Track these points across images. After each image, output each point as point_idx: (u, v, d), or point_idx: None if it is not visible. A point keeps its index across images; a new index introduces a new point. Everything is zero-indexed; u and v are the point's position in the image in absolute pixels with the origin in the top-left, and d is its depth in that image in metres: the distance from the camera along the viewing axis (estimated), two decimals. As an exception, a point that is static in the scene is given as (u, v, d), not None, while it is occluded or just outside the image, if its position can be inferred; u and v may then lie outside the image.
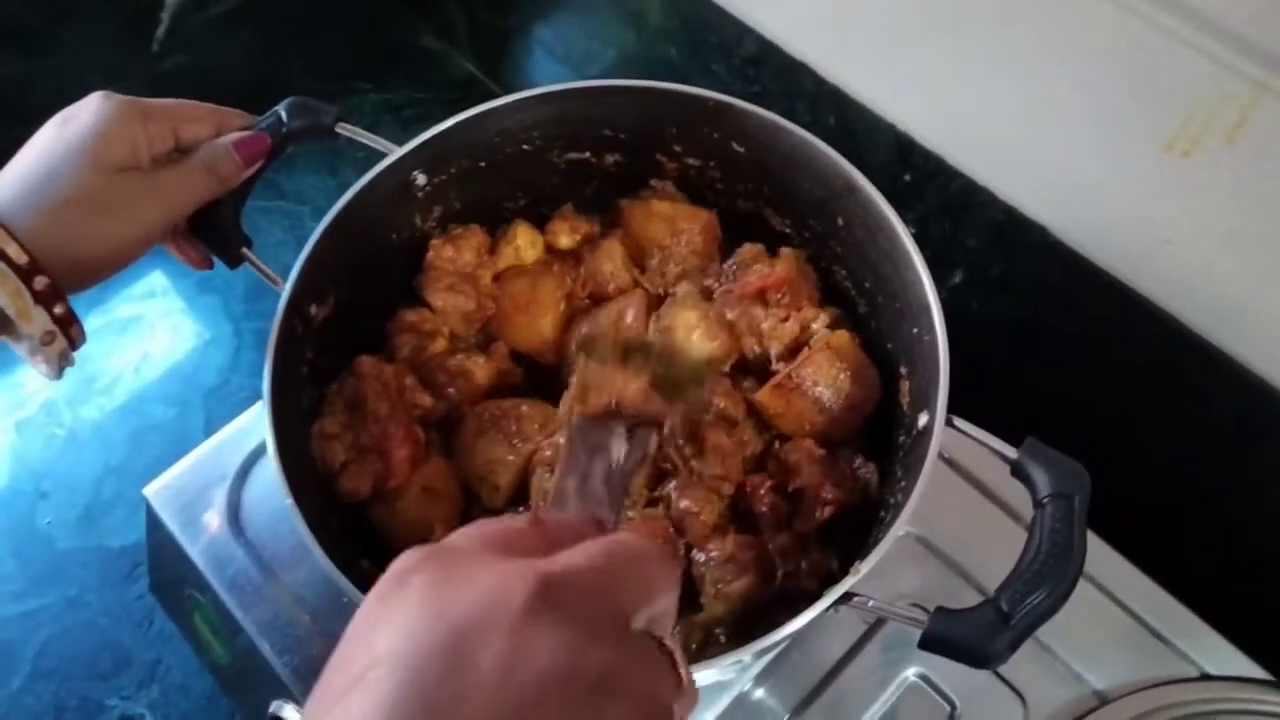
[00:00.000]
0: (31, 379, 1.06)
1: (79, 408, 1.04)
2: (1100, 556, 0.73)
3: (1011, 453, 0.55)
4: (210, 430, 0.83)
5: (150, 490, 0.77)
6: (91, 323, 1.09)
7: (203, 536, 0.75)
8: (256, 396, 0.86)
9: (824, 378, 0.67)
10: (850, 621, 0.74)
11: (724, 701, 0.71)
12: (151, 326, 1.09)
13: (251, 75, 1.31)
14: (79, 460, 1.01)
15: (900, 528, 0.55)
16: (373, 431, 0.64)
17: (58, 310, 0.55)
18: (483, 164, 0.72)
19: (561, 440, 0.55)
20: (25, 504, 0.99)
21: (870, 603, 0.53)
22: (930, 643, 0.50)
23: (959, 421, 0.57)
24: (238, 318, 1.10)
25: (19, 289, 0.53)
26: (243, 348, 1.08)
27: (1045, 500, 0.53)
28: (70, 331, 0.56)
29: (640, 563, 0.32)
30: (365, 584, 0.55)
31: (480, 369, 0.70)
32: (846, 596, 0.54)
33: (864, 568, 0.54)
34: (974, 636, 0.50)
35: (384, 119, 1.28)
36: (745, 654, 0.52)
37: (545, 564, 0.29)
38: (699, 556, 0.64)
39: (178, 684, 0.89)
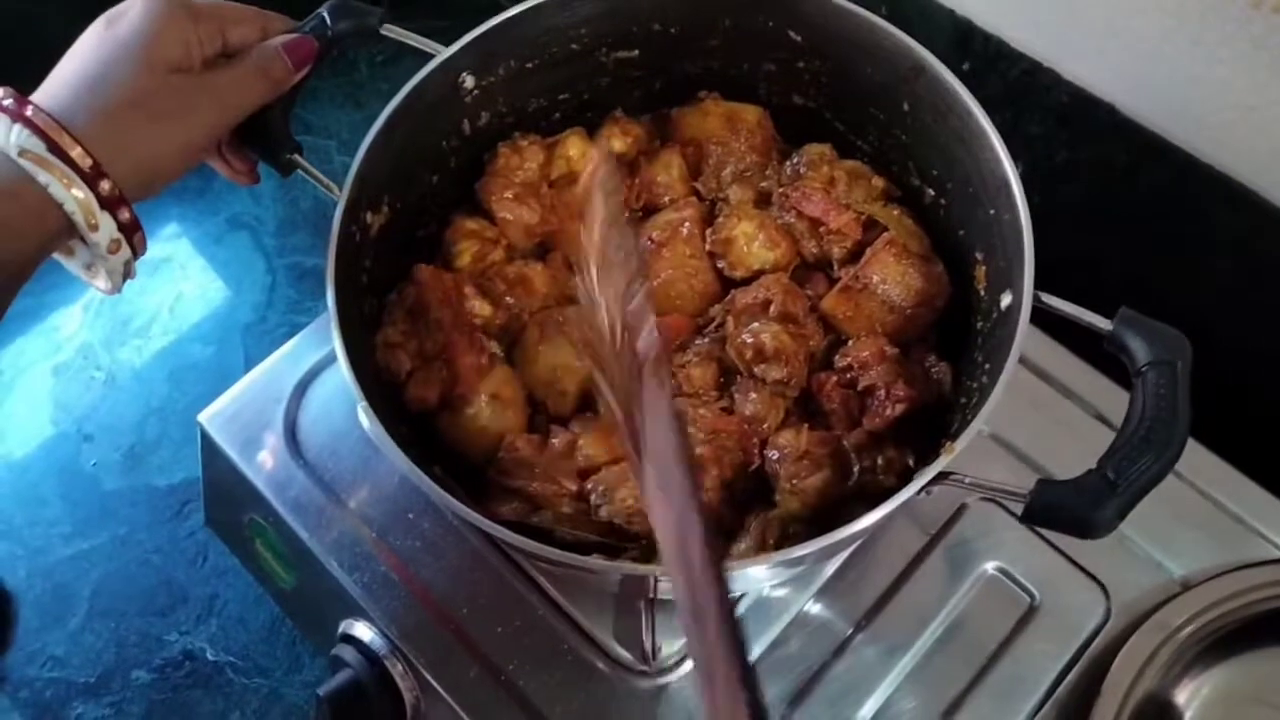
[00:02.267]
0: (66, 323, 1.05)
1: (116, 350, 1.03)
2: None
3: (1105, 324, 0.54)
4: (250, 366, 0.82)
5: (205, 416, 0.76)
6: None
7: (261, 460, 0.74)
8: (295, 330, 0.86)
9: (891, 275, 0.65)
10: (909, 531, 0.72)
11: (784, 619, 0.70)
12: (183, 266, 1.08)
13: (271, 7, 1.29)
14: (120, 402, 1.00)
15: (992, 407, 0.53)
16: (437, 339, 0.63)
17: (123, 216, 0.53)
18: (530, 65, 0.70)
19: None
20: (69, 447, 0.98)
21: (967, 479, 0.52)
22: (1035, 513, 0.49)
23: (1046, 297, 0.56)
24: (270, 253, 1.08)
25: (86, 194, 0.51)
26: (277, 283, 1.07)
27: (1146, 368, 0.51)
28: (134, 240, 0.55)
29: None
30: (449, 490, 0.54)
31: (539, 276, 0.68)
32: (941, 476, 0.52)
33: (959, 446, 0.52)
34: (1081, 505, 0.48)
35: (407, 50, 1.25)
36: (842, 535, 0.51)
37: None
38: (771, 454, 0.63)
39: (235, 617, 0.89)
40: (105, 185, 0.51)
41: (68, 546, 0.93)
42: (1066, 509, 0.49)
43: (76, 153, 0.50)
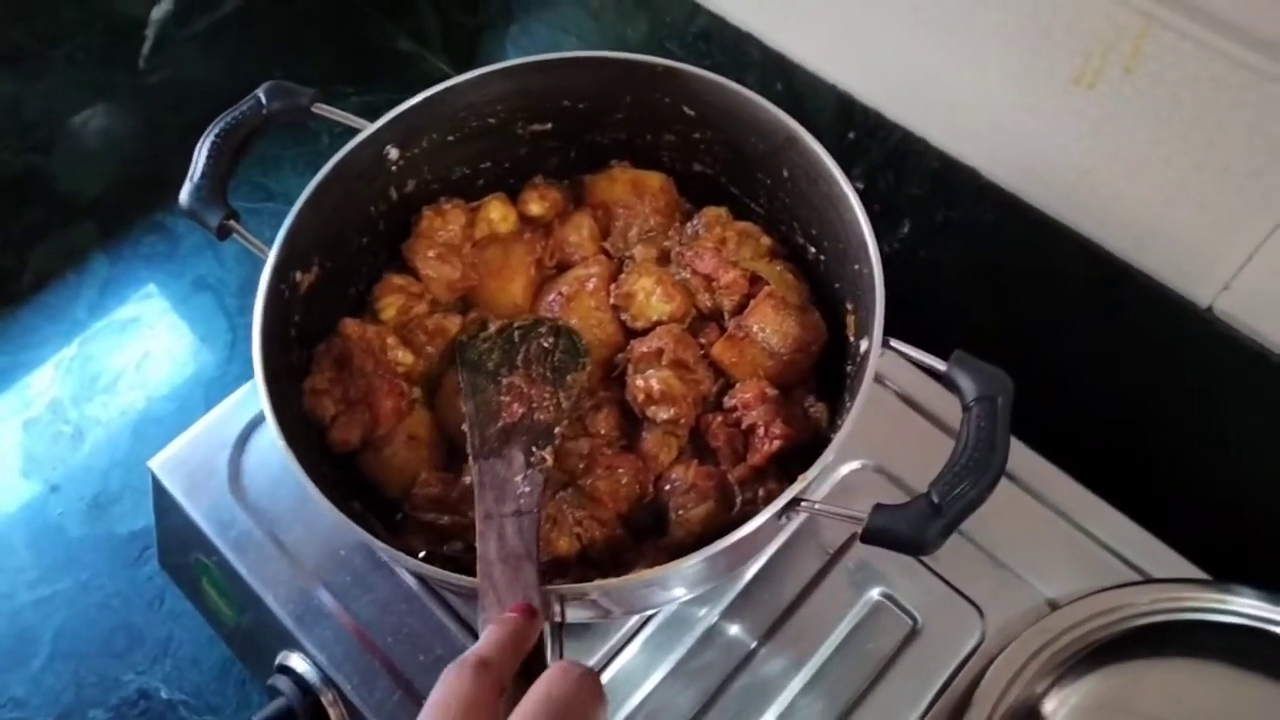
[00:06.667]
0: (37, 380, 1.11)
1: (84, 405, 1.09)
2: (1045, 474, 0.78)
3: (940, 365, 0.60)
4: (211, 420, 0.88)
5: (155, 462, 0.82)
6: (92, 325, 1.14)
7: (206, 502, 0.80)
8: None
9: (770, 324, 0.72)
10: (812, 553, 0.78)
11: (695, 634, 0.75)
12: (150, 325, 1.14)
13: (236, 85, 1.35)
14: (86, 454, 1.06)
15: (841, 440, 0.59)
16: (360, 385, 0.69)
17: None
18: (451, 138, 0.77)
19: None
20: (37, 498, 1.04)
21: (816, 505, 0.58)
22: (870, 536, 0.55)
23: (894, 342, 0.62)
24: (232, 313, 1.15)
25: None
26: (238, 341, 1.13)
27: (971, 404, 0.57)
28: None
29: (570, 710, 0.44)
30: (359, 522, 0.59)
31: (455, 327, 0.75)
32: (794, 502, 0.58)
33: (810, 474, 0.58)
34: (909, 527, 0.54)
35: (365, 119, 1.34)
36: (697, 559, 0.57)
37: None
38: (664, 487, 0.69)
39: (189, 657, 0.94)
40: None
41: (32, 592, 0.98)
42: (896, 531, 0.54)
43: None
